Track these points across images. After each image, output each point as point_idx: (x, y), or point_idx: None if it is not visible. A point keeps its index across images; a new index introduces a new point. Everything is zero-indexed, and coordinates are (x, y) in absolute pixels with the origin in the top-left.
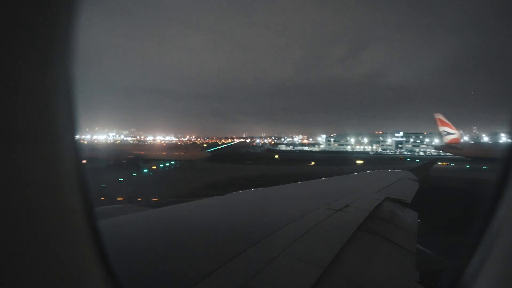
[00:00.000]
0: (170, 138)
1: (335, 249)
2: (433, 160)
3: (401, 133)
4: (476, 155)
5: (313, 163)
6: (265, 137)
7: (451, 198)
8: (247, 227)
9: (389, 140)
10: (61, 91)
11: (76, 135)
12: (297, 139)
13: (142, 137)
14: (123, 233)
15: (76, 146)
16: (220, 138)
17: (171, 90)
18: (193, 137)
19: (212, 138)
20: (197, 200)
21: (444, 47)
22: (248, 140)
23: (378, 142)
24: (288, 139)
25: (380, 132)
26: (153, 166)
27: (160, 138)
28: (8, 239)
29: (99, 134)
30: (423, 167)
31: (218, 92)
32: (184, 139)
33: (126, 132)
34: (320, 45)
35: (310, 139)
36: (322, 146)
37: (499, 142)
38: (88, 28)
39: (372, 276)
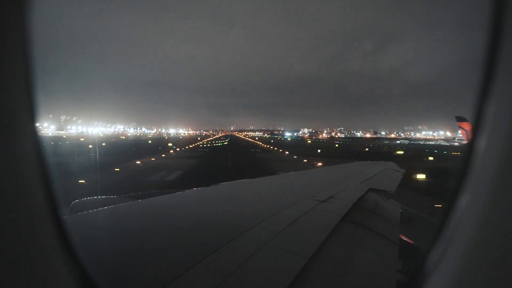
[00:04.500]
0: (184, 131)
1: (319, 240)
2: (417, 151)
3: None
4: None
5: None
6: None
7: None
8: (232, 219)
9: None
10: (18, 78)
11: (36, 125)
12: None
13: (155, 130)
14: (98, 226)
15: (37, 138)
16: (216, 130)
17: (170, 82)
18: (189, 129)
19: (202, 131)
20: (181, 192)
21: None
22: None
23: None
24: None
25: None
26: None
27: (173, 131)
28: None
29: (104, 127)
30: (407, 158)
31: (218, 86)
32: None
33: (128, 126)
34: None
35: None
36: None
37: None
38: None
39: (355, 266)
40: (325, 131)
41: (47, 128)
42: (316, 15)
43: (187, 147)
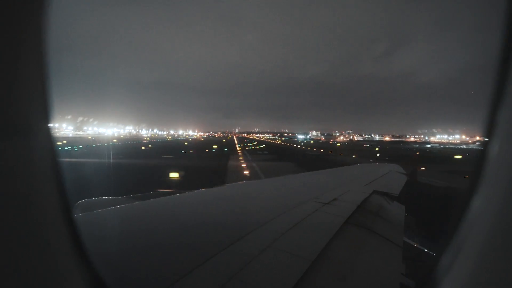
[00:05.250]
0: (193, 133)
1: (322, 242)
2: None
3: None
4: None
5: None
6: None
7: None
8: (235, 221)
9: None
10: (33, 78)
11: (50, 126)
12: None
13: (166, 131)
14: (103, 226)
15: (51, 139)
16: (219, 132)
17: (175, 84)
18: (197, 131)
19: (209, 132)
20: (185, 193)
21: None
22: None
23: None
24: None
25: None
26: None
27: (181, 132)
28: None
29: (114, 128)
30: (412, 161)
31: (223, 88)
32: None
33: (139, 127)
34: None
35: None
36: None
37: None
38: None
39: (359, 269)
40: (337, 133)
41: (65, 128)
42: (325, 17)
43: (239, 150)
